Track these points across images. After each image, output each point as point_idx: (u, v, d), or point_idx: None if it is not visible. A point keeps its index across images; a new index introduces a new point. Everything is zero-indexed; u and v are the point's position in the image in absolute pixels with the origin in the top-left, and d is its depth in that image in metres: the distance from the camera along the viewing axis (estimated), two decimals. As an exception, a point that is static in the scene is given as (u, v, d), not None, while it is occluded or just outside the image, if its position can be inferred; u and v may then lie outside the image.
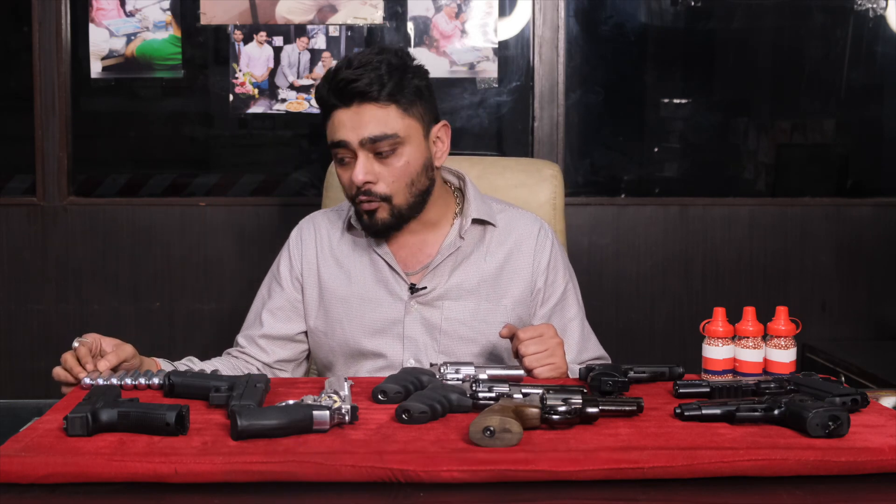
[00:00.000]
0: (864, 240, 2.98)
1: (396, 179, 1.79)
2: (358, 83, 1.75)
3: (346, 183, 1.82)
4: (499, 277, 1.89)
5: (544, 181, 2.22)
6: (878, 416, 1.39)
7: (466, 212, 1.90)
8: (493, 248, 1.91)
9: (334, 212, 2.00)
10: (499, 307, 1.87)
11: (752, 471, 1.21)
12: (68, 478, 1.18)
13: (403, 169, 1.80)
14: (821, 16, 3.00)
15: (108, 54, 2.89)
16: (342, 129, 1.78)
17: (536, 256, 1.91)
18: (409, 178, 1.81)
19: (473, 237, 1.90)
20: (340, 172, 1.83)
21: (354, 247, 1.93)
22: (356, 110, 1.77)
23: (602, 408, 1.35)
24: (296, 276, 1.94)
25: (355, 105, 1.77)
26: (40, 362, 2.89)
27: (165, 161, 2.99)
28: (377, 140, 1.76)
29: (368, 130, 1.76)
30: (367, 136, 1.76)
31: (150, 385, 1.53)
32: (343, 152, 1.79)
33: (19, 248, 2.90)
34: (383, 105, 1.77)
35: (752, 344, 1.58)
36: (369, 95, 1.76)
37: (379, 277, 1.89)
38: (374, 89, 1.76)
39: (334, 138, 1.79)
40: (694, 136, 3.03)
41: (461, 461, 1.20)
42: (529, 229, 1.93)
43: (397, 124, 1.78)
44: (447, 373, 1.53)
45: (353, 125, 1.77)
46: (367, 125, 1.76)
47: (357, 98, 1.76)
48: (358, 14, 2.89)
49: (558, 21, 2.90)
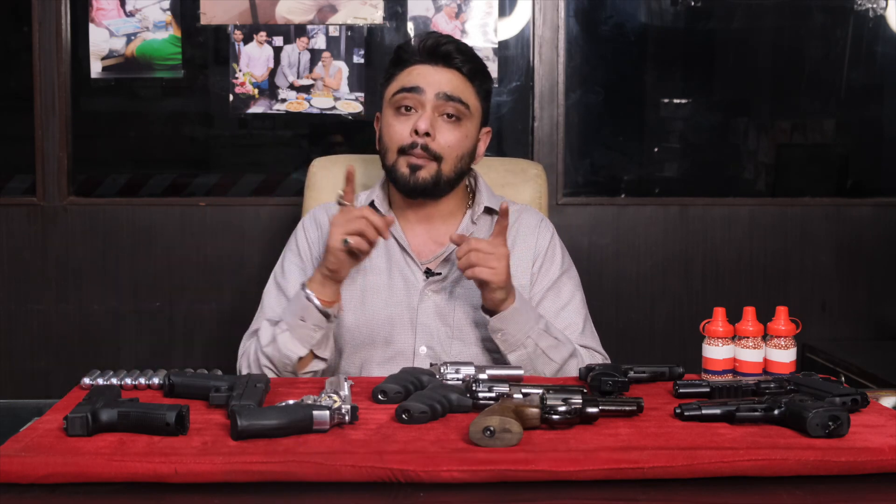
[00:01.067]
0: (864, 240, 2.98)
1: (452, 146, 1.85)
2: (449, 46, 1.87)
3: (397, 133, 1.85)
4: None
5: (528, 181, 2.24)
6: (878, 416, 1.39)
7: (478, 200, 1.95)
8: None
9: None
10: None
11: (752, 471, 1.21)
12: (68, 478, 1.18)
13: (461, 139, 1.87)
14: (821, 16, 3.00)
15: (108, 54, 2.89)
16: (421, 78, 1.85)
17: (536, 243, 1.95)
18: (461, 151, 1.88)
19: (484, 226, 1.94)
20: (394, 122, 1.86)
21: None
22: (441, 69, 1.86)
23: (602, 408, 1.35)
24: (314, 258, 1.92)
25: (441, 65, 1.87)
26: (40, 362, 2.89)
27: (165, 161, 2.99)
28: (452, 99, 1.85)
29: (448, 87, 1.85)
30: (446, 91, 1.84)
31: (150, 385, 1.53)
32: (411, 98, 1.85)
33: (19, 248, 2.89)
34: (465, 78, 1.88)
35: (752, 344, 1.58)
36: (456, 63, 1.87)
37: (393, 264, 1.91)
38: (462, 60, 1.88)
39: (408, 84, 1.85)
40: (694, 136, 3.03)
41: (461, 461, 1.20)
42: (531, 220, 1.99)
43: (471, 99, 1.89)
44: (447, 373, 1.53)
45: (435, 80, 1.85)
46: (447, 83, 1.85)
47: (444, 61, 1.86)
48: (358, 14, 2.88)
49: (558, 21, 2.90)
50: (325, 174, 2.23)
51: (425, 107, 1.84)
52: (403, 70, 1.88)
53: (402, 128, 1.85)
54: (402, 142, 1.84)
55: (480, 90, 1.91)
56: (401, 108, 1.86)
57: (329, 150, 2.78)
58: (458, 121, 1.86)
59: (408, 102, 1.85)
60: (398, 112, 1.86)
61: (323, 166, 2.24)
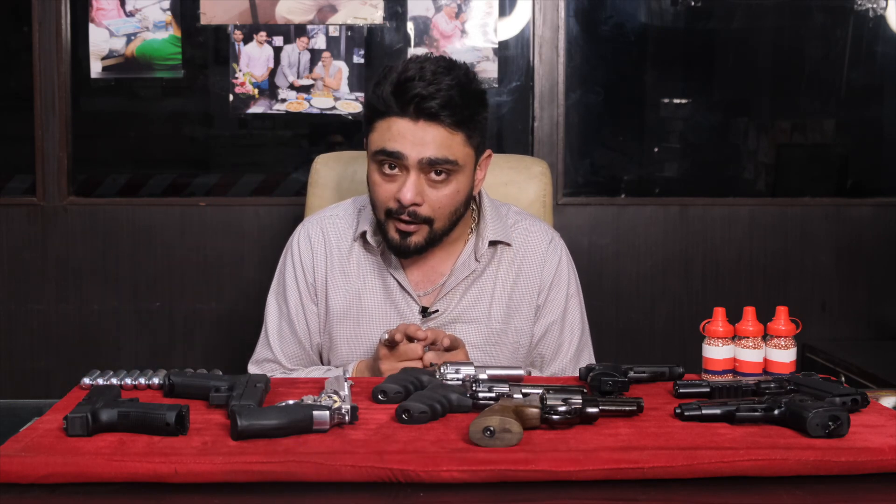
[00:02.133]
0: (864, 240, 2.98)
1: (443, 206, 1.72)
2: (431, 103, 1.65)
3: (383, 196, 1.72)
4: (510, 298, 1.84)
5: (533, 178, 2.20)
6: (878, 416, 1.39)
7: (483, 233, 1.82)
8: (504, 268, 1.85)
9: (341, 218, 1.89)
10: (510, 328, 1.84)
11: (752, 471, 1.21)
12: (68, 478, 1.18)
13: (452, 196, 1.72)
14: (821, 16, 3.00)
15: (108, 54, 2.89)
16: (401, 140, 1.67)
17: (542, 272, 1.86)
18: (455, 206, 1.74)
19: (486, 257, 1.84)
20: (379, 182, 1.72)
21: (365, 262, 1.84)
22: (422, 127, 1.67)
23: (602, 408, 1.35)
24: (311, 285, 1.85)
25: (422, 122, 1.67)
26: (40, 362, 2.89)
27: (165, 161, 2.99)
28: (437, 163, 1.68)
29: (431, 151, 1.67)
30: (429, 156, 1.67)
31: (150, 385, 1.53)
32: (394, 163, 1.69)
33: (19, 248, 2.89)
34: (451, 131, 1.68)
35: (752, 344, 1.58)
36: (440, 118, 1.67)
37: (389, 298, 1.82)
38: (447, 114, 1.67)
39: (389, 147, 1.68)
40: (694, 136, 3.03)
41: (461, 461, 1.20)
42: (538, 244, 1.87)
43: (459, 152, 1.70)
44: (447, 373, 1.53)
45: (416, 141, 1.67)
46: (430, 145, 1.67)
47: (425, 116, 1.66)
48: (358, 14, 2.88)
49: (558, 21, 2.90)
50: (328, 171, 2.21)
51: (408, 171, 1.68)
52: (382, 120, 1.69)
53: (387, 189, 1.71)
54: (388, 205, 1.71)
55: (471, 134, 1.72)
56: (384, 166, 1.70)
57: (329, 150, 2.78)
58: (447, 178, 1.70)
59: (389, 165, 1.69)
60: (381, 170, 1.71)
61: (326, 163, 2.23)
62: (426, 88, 1.65)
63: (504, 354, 1.83)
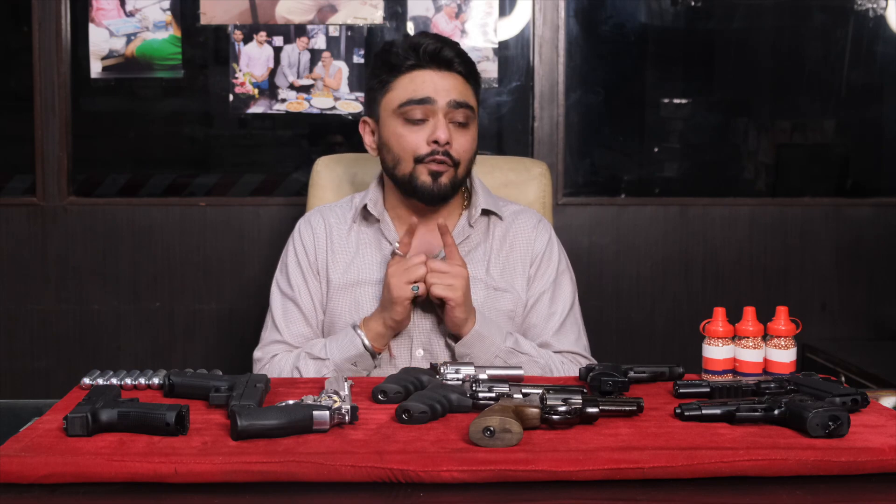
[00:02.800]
0: (864, 240, 2.98)
1: (466, 150, 1.84)
2: (447, 51, 1.82)
3: (412, 143, 1.81)
4: (505, 267, 1.91)
5: (533, 180, 2.23)
6: (878, 416, 1.39)
7: (475, 202, 1.93)
8: (498, 239, 1.93)
9: (338, 206, 2.00)
10: (506, 296, 1.89)
11: (752, 471, 1.21)
12: (68, 478, 1.18)
13: (472, 142, 1.86)
14: (821, 16, 3.00)
15: (108, 54, 2.89)
16: (427, 87, 1.80)
17: (532, 245, 1.94)
18: (473, 154, 1.87)
19: (480, 229, 1.93)
20: (405, 133, 1.82)
21: (363, 238, 1.93)
22: (443, 75, 1.82)
23: (602, 408, 1.35)
24: (312, 263, 1.92)
25: (443, 70, 1.82)
26: (40, 362, 2.89)
27: (165, 161, 2.99)
28: (462, 106, 1.82)
29: (456, 94, 1.81)
30: (455, 98, 1.81)
31: (150, 385, 1.53)
32: (423, 110, 1.80)
33: (19, 248, 2.89)
34: (465, 81, 1.85)
35: (752, 344, 1.58)
36: (456, 66, 1.83)
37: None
38: (459, 62, 1.83)
39: (417, 95, 1.80)
40: (694, 136, 3.03)
41: (461, 461, 1.20)
42: (529, 221, 1.97)
43: (473, 101, 1.86)
44: (447, 373, 1.53)
45: (443, 87, 1.81)
46: (454, 90, 1.82)
47: (445, 65, 1.82)
48: (358, 14, 2.88)
49: (558, 21, 2.90)
50: (328, 173, 2.23)
51: (437, 115, 1.80)
52: (402, 76, 1.82)
53: (416, 137, 1.81)
54: (419, 151, 1.81)
55: (477, 90, 1.89)
56: (410, 118, 1.81)
57: (329, 150, 2.78)
58: (468, 124, 1.84)
59: (418, 114, 1.81)
60: (408, 122, 1.82)
61: (327, 165, 2.24)
62: (437, 42, 1.82)
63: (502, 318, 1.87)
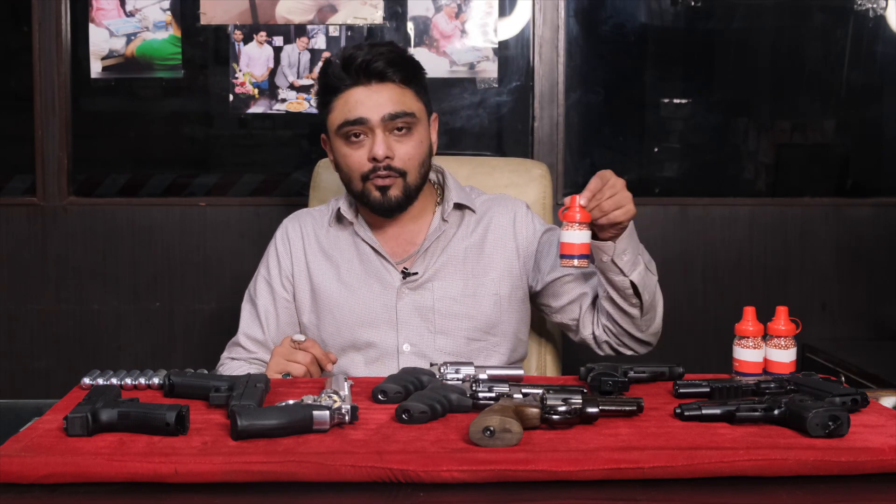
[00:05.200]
0: (864, 240, 2.98)
1: (412, 157, 1.84)
2: (377, 63, 1.81)
3: (356, 162, 1.84)
4: (481, 253, 1.93)
5: (533, 181, 2.24)
6: (878, 416, 1.39)
7: (447, 197, 1.94)
8: (473, 227, 1.95)
9: (317, 210, 2.04)
10: (486, 280, 1.91)
11: (752, 471, 1.21)
12: (68, 478, 1.18)
13: (417, 147, 1.85)
14: (821, 16, 3.00)
15: (108, 54, 2.89)
16: (360, 106, 1.82)
17: (519, 225, 1.95)
18: (421, 158, 1.86)
19: (455, 221, 1.95)
20: (349, 152, 1.85)
21: (341, 240, 1.96)
22: (376, 88, 1.82)
23: (602, 408, 1.35)
24: (286, 276, 1.96)
25: (375, 84, 1.82)
26: (40, 362, 2.89)
27: (165, 161, 2.99)
28: (397, 116, 1.82)
29: (389, 107, 1.82)
30: (389, 111, 1.81)
31: (150, 385, 1.53)
32: (359, 130, 1.82)
33: (19, 248, 2.89)
34: (401, 87, 1.84)
35: (752, 344, 1.58)
36: (387, 76, 1.82)
37: (369, 267, 1.92)
38: (393, 70, 1.83)
39: (351, 116, 1.82)
40: (694, 136, 3.03)
41: (461, 461, 1.20)
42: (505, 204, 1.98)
43: (413, 105, 1.85)
44: (447, 373, 1.53)
45: (374, 103, 1.81)
46: (386, 103, 1.82)
47: (376, 77, 1.82)
48: (358, 14, 2.88)
49: (558, 21, 2.90)
50: (329, 175, 2.24)
51: (374, 131, 1.82)
52: (338, 97, 1.84)
53: (358, 156, 1.84)
54: (363, 169, 1.84)
55: (418, 89, 1.88)
56: (350, 138, 1.84)
57: (329, 150, 2.78)
58: (408, 131, 1.84)
59: (356, 132, 1.83)
60: (349, 142, 1.85)
61: (328, 167, 2.25)
62: (368, 54, 1.82)
63: (485, 306, 1.90)
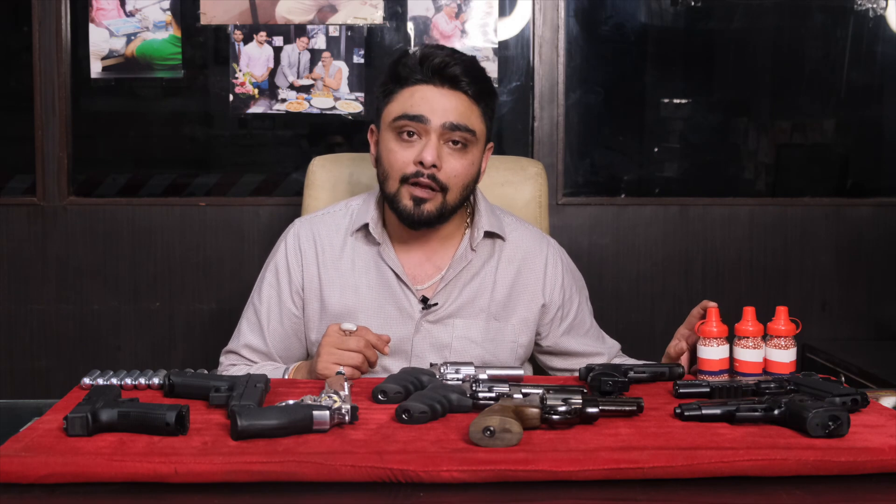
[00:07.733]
0: (864, 240, 2.98)
1: (458, 175, 1.75)
2: (455, 68, 1.72)
3: (400, 161, 1.73)
4: (509, 296, 1.85)
5: (529, 179, 2.22)
6: (878, 416, 1.39)
7: (478, 223, 1.84)
8: (503, 265, 1.86)
9: (330, 215, 1.90)
10: (508, 326, 1.84)
11: (752, 471, 1.21)
12: (68, 478, 1.18)
13: (467, 168, 1.76)
14: (821, 16, 3.00)
15: (108, 54, 2.89)
16: (424, 104, 1.72)
17: (549, 277, 1.88)
18: (467, 179, 1.77)
19: (484, 251, 1.85)
20: (397, 149, 1.74)
21: (360, 256, 1.84)
22: (445, 93, 1.73)
23: (602, 408, 1.35)
24: (296, 291, 1.85)
25: (446, 88, 1.73)
26: (40, 362, 2.89)
27: (165, 161, 2.99)
28: (458, 129, 1.72)
29: (453, 116, 1.72)
30: (452, 120, 1.72)
31: (150, 385, 1.53)
32: (414, 128, 1.72)
33: (19, 248, 2.89)
34: (471, 101, 1.75)
35: (752, 344, 1.58)
36: (462, 85, 1.73)
37: (388, 292, 1.81)
38: (467, 82, 1.74)
39: (412, 111, 1.72)
40: (694, 136, 3.03)
41: (461, 461, 1.20)
42: (538, 248, 1.89)
43: (477, 124, 1.76)
44: (447, 373, 1.53)
45: (440, 106, 1.72)
46: (452, 111, 1.72)
47: (449, 82, 1.73)
48: (358, 14, 2.88)
49: (558, 21, 2.90)
50: (324, 173, 2.22)
51: (430, 135, 1.71)
52: (404, 89, 1.74)
53: (405, 155, 1.73)
54: (405, 170, 1.73)
55: (486, 111, 1.78)
56: (402, 134, 1.73)
57: (329, 150, 2.78)
58: (463, 147, 1.74)
59: (410, 129, 1.73)
60: (400, 137, 1.74)
61: (322, 165, 2.24)
62: (449, 57, 1.73)
63: (503, 352, 1.84)
